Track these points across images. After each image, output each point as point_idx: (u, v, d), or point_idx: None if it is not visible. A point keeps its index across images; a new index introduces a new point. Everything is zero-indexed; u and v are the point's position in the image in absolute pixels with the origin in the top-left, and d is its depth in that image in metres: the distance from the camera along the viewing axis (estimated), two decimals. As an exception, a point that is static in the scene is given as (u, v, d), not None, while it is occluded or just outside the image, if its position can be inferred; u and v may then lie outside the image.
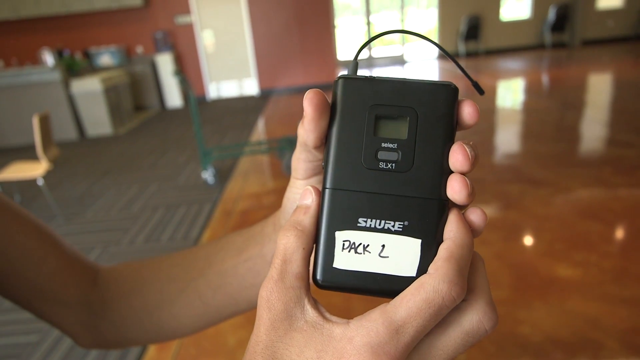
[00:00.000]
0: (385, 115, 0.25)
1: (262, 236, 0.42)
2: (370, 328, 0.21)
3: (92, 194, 3.93)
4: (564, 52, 10.16)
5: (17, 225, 0.43)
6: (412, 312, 0.21)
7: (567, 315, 1.79)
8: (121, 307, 0.48)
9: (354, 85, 0.26)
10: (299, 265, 0.24)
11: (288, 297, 0.23)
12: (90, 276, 0.49)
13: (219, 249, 0.46)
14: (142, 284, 0.49)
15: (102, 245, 2.92)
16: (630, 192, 2.82)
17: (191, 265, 0.47)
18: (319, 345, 0.22)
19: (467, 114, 0.25)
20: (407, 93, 0.25)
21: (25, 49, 8.02)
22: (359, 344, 0.21)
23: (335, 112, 0.26)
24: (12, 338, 2.09)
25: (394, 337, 0.21)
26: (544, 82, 7.15)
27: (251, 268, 0.43)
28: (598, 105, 5.42)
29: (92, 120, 6.27)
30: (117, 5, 7.69)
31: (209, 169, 3.74)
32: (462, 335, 0.22)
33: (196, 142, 4.81)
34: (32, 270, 0.44)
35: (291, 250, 0.24)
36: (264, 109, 7.12)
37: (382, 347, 0.21)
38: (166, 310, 0.47)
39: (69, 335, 0.49)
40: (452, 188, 0.24)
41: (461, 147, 0.24)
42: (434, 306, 0.21)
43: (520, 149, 4.05)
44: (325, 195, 0.25)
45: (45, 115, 3.20)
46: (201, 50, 8.37)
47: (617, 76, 6.99)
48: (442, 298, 0.21)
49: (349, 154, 0.25)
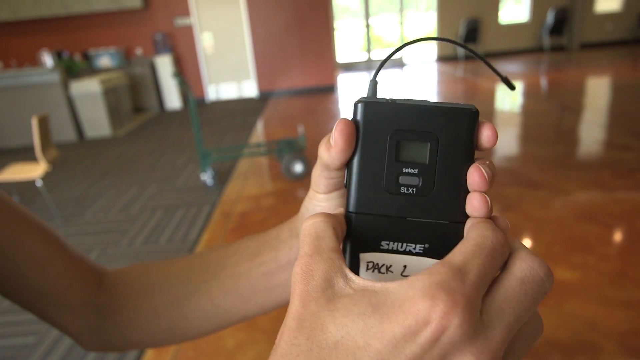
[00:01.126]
0: (406, 140, 0.26)
1: (277, 241, 0.43)
2: (431, 271, 0.20)
3: (91, 195, 3.93)
4: (562, 55, 10.19)
5: (23, 228, 0.43)
6: (468, 255, 0.21)
7: (566, 318, 1.80)
8: (129, 309, 0.48)
9: (375, 109, 0.26)
10: (332, 241, 0.23)
11: (327, 266, 0.22)
12: (96, 278, 0.49)
13: (232, 252, 0.46)
14: (151, 285, 0.48)
15: (100, 247, 2.92)
16: (629, 195, 2.83)
17: (203, 268, 0.47)
18: (372, 298, 0.20)
19: (486, 137, 0.26)
20: (428, 118, 0.26)
21: (24, 50, 8.02)
22: (423, 285, 0.19)
23: (358, 137, 0.26)
24: (9, 340, 2.09)
25: (458, 275, 0.19)
26: (543, 85, 7.17)
27: (265, 272, 0.43)
28: (596, 109, 5.43)
29: (91, 122, 6.27)
30: (117, 7, 7.69)
31: (208, 170, 3.74)
32: (519, 284, 0.21)
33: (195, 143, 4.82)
34: (37, 272, 0.43)
35: (322, 228, 0.24)
36: (263, 111, 7.13)
37: (449, 283, 0.19)
38: (176, 311, 0.47)
39: (73, 338, 0.49)
40: (472, 206, 0.25)
41: (478, 168, 0.25)
42: (486, 248, 0.21)
43: (519, 152, 4.06)
44: (348, 219, 0.26)
45: (44, 117, 3.20)
46: (200, 52, 8.38)
47: (615, 79, 7.01)
48: (491, 240, 0.21)
49: (371, 179, 0.26)
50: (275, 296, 0.43)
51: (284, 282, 0.42)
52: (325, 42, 8.25)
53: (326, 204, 0.32)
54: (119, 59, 7.79)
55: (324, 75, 8.40)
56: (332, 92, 8.26)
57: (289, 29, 8.16)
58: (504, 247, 0.22)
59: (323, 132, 5.20)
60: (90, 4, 7.64)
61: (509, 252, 0.22)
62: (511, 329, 0.20)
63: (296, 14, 8.07)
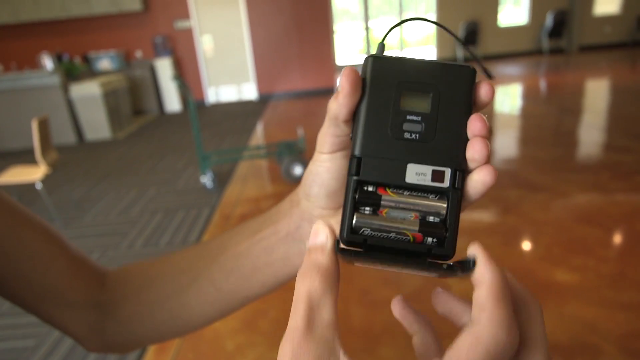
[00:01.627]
0: (410, 91, 0.28)
1: (277, 214, 0.42)
2: None
3: (91, 198, 3.93)
4: (561, 58, 10.22)
5: (25, 227, 0.43)
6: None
7: (565, 320, 1.80)
8: (130, 305, 0.48)
9: (383, 63, 0.28)
10: (329, 312, 0.21)
11: (320, 352, 0.20)
12: (98, 278, 0.49)
13: (233, 234, 0.46)
14: (152, 279, 0.48)
15: (100, 250, 2.92)
16: (628, 197, 2.83)
17: (204, 255, 0.47)
18: None
19: (484, 92, 0.27)
20: (431, 72, 0.28)
21: (24, 53, 8.03)
22: None
23: (365, 87, 0.28)
24: (9, 342, 2.08)
25: None
26: (542, 87, 7.18)
27: (265, 247, 0.42)
28: (595, 111, 5.44)
29: (91, 125, 6.28)
30: (117, 9, 7.71)
31: (208, 173, 3.74)
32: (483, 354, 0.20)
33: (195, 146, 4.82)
34: (39, 272, 0.44)
35: (318, 295, 0.21)
36: (262, 114, 7.14)
37: None
38: (177, 301, 0.47)
39: (76, 339, 0.49)
40: (473, 148, 0.26)
41: (479, 115, 0.26)
42: (495, 355, 0.20)
43: (518, 154, 4.07)
44: (354, 161, 0.28)
45: (44, 119, 3.20)
46: (200, 55, 8.39)
47: (614, 82, 7.02)
48: (503, 346, 0.20)
49: (376, 125, 0.28)
50: (275, 271, 0.43)
51: (283, 256, 0.42)
52: (325, 45, 8.27)
53: (329, 164, 0.33)
54: (119, 61, 7.80)
55: (324, 77, 8.41)
56: (331, 95, 8.25)
57: (289, 31, 8.18)
58: (513, 346, 0.20)
59: (323, 135, 5.21)
60: (90, 7, 7.66)
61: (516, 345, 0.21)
62: None
63: (296, 17, 8.09)
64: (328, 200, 0.36)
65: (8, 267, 0.42)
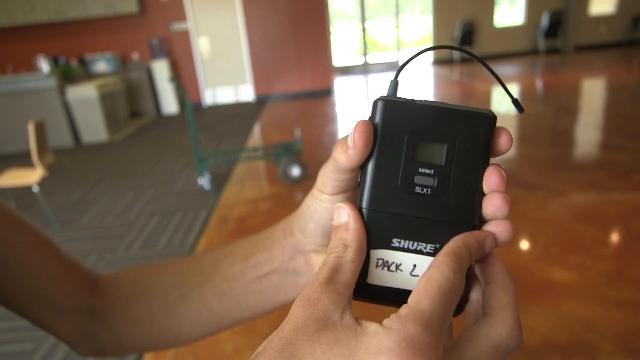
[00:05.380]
0: (424, 141, 0.26)
1: (271, 241, 0.42)
2: (405, 322, 0.21)
3: (88, 200, 3.92)
4: (557, 58, 10.25)
5: (16, 231, 0.43)
6: (438, 304, 0.22)
7: (563, 319, 1.80)
8: (123, 312, 0.48)
9: (394, 108, 0.26)
10: (347, 276, 0.24)
11: (331, 299, 0.23)
12: (90, 283, 0.49)
13: (226, 254, 0.46)
14: (145, 288, 0.48)
15: (97, 252, 2.91)
16: (624, 196, 2.84)
17: (197, 271, 0.47)
18: (351, 341, 0.21)
19: (503, 143, 0.27)
20: (447, 119, 0.26)
21: (20, 56, 8.00)
22: (396, 338, 0.20)
23: (376, 135, 0.26)
24: (7, 346, 2.08)
25: (432, 331, 0.21)
26: (538, 87, 7.21)
27: (257, 275, 0.42)
28: (592, 110, 5.46)
29: (88, 127, 6.26)
30: (113, 12, 7.70)
31: (205, 175, 3.74)
32: (491, 349, 0.23)
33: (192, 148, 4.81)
34: (32, 276, 0.43)
35: (341, 262, 0.24)
36: (259, 115, 7.13)
37: (420, 339, 0.20)
38: (169, 315, 0.46)
39: (68, 343, 0.49)
40: (494, 205, 0.26)
41: (497, 169, 0.26)
42: (447, 291, 0.22)
43: (515, 154, 4.08)
44: (361, 214, 0.27)
45: (40, 122, 3.19)
46: (197, 57, 8.39)
47: (610, 81, 7.05)
48: (452, 283, 0.22)
49: (386, 177, 0.26)
50: (268, 298, 0.43)
51: (276, 285, 0.42)
52: (322, 46, 8.28)
53: (330, 205, 0.32)
54: (115, 64, 7.79)
55: (321, 79, 8.42)
56: (328, 96, 8.27)
57: (285, 33, 8.18)
58: (460, 286, 0.23)
59: (320, 136, 5.21)
60: (86, 10, 7.64)
61: (463, 286, 0.24)
62: None
63: (292, 18, 8.09)
64: (323, 239, 0.36)
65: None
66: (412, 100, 0.26)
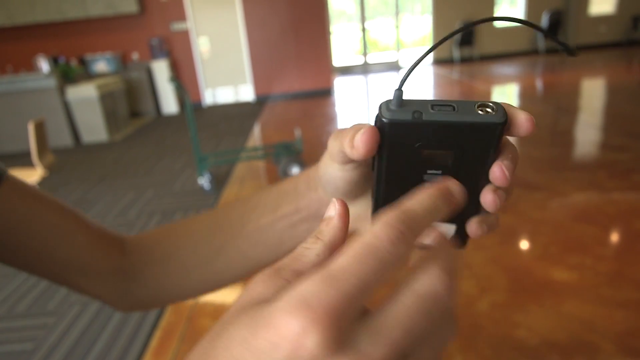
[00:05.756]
0: (431, 151, 0.27)
1: (295, 194, 0.44)
2: (306, 279, 0.18)
3: (88, 200, 3.92)
4: (557, 58, 10.25)
5: (41, 205, 0.46)
6: (349, 258, 0.19)
7: (563, 318, 1.80)
8: (156, 273, 0.50)
9: (399, 129, 0.26)
10: (303, 266, 0.23)
11: (272, 283, 0.22)
12: (119, 246, 0.51)
13: (251, 208, 0.47)
14: (175, 248, 0.50)
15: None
16: (624, 196, 2.84)
17: (225, 226, 0.49)
18: (259, 310, 0.19)
19: (524, 128, 0.27)
20: (454, 134, 0.26)
21: (20, 56, 8.00)
22: (291, 297, 0.18)
23: (382, 147, 0.27)
24: (7, 346, 2.08)
25: (331, 285, 0.18)
26: (538, 87, 7.21)
27: (288, 223, 0.44)
28: (591, 110, 5.47)
29: (88, 127, 6.26)
30: (113, 12, 7.70)
31: (205, 175, 3.74)
32: (413, 299, 0.19)
33: (192, 148, 4.81)
34: (62, 245, 0.46)
35: (304, 253, 0.24)
36: (259, 115, 7.13)
37: (316, 295, 0.17)
38: (205, 269, 0.49)
39: (106, 303, 0.52)
40: (484, 197, 0.28)
41: (499, 166, 0.27)
42: (372, 249, 0.19)
43: (515, 154, 4.08)
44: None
45: (40, 122, 3.19)
46: (197, 57, 8.39)
47: (610, 81, 7.05)
48: (379, 239, 0.19)
49: (396, 189, 0.28)
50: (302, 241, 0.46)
51: (308, 229, 0.44)
52: (322, 46, 8.28)
53: (342, 174, 0.34)
54: (115, 64, 7.79)
55: (321, 78, 8.42)
56: (328, 96, 8.27)
57: (285, 33, 8.19)
58: (394, 244, 0.19)
59: (320, 136, 5.21)
60: (86, 10, 7.64)
61: (405, 253, 0.19)
62: (397, 346, 0.18)
63: (292, 18, 8.09)
64: (346, 198, 0.37)
65: (32, 243, 0.44)
66: (417, 116, 0.25)
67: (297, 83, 8.50)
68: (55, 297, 2.42)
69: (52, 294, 2.45)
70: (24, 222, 0.44)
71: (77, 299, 2.37)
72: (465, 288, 2.04)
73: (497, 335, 1.74)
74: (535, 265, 2.19)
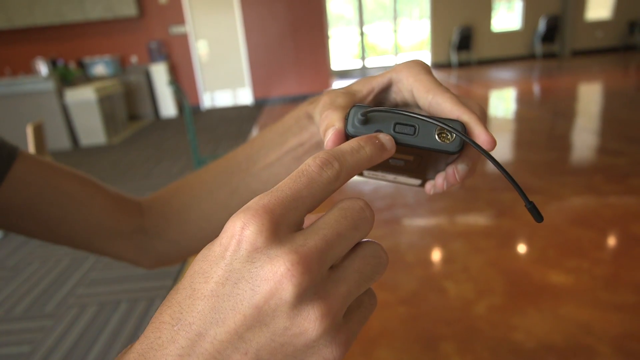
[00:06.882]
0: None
1: (298, 127, 0.45)
2: None
3: (86, 203, 3.91)
4: (554, 62, 10.31)
5: (58, 175, 0.48)
6: (285, 182, 0.22)
7: (560, 322, 1.81)
8: (177, 223, 0.52)
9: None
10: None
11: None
12: (137, 207, 0.53)
13: (257, 148, 0.49)
14: (192, 197, 0.52)
15: (96, 257, 2.90)
16: (621, 200, 2.86)
17: (235, 169, 0.50)
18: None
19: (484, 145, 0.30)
20: (412, 150, 0.28)
21: (19, 59, 8.00)
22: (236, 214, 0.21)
23: None
24: (4, 349, 2.07)
25: (268, 194, 0.21)
26: (535, 91, 7.24)
27: (294, 157, 0.46)
28: (588, 115, 5.49)
29: (86, 130, 6.26)
30: (112, 15, 7.71)
31: (204, 178, 3.73)
32: (337, 210, 0.23)
33: (190, 151, 4.81)
34: (84, 211, 0.48)
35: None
36: (258, 118, 7.15)
37: (255, 201, 0.21)
38: (224, 213, 0.51)
39: (131, 263, 0.54)
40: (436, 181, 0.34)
41: (452, 170, 0.32)
42: (302, 171, 0.22)
43: (512, 158, 4.09)
44: None
45: (39, 125, 3.20)
46: (195, 60, 8.40)
47: (606, 86, 7.09)
48: (308, 164, 0.23)
49: None
50: None
51: None
52: (320, 50, 8.30)
53: None
54: (114, 67, 7.79)
55: (319, 82, 8.44)
56: (327, 100, 8.28)
57: (284, 36, 8.21)
58: (322, 170, 0.22)
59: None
60: (85, 13, 7.66)
61: (333, 176, 0.23)
62: (326, 239, 0.21)
63: (291, 22, 8.12)
64: None
65: (53, 213, 0.46)
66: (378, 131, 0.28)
67: (295, 87, 8.52)
68: (52, 299, 2.41)
69: (49, 296, 2.44)
70: (43, 193, 0.45)
71: (74, 302, 2.36)
72: (463, 291, 2.04)
73: (494, 338, 1.74)
74: (533, 268, 2.19)
